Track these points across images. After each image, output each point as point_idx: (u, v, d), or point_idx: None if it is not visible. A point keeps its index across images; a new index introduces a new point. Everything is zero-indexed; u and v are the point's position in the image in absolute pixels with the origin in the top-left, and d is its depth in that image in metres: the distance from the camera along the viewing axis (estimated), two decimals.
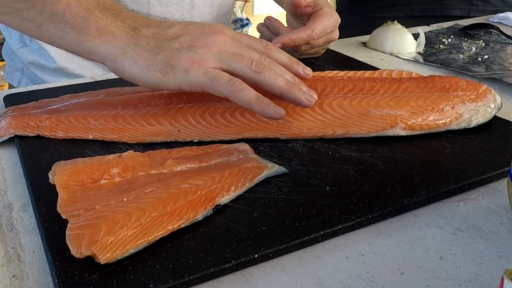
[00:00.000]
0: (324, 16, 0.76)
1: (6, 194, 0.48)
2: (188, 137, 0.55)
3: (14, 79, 0.91)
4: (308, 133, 0.55)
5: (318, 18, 0.75)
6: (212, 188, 0.44)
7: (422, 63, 0.83)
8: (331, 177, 0.48)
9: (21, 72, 0.90)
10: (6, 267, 0.38)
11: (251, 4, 3.38)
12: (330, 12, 0.77)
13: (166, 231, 0.39)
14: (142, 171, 0.46)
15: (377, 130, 0.54)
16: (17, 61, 0.90)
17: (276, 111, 0.50)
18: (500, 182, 0.49)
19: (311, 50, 0.80)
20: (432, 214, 0.45)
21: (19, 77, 0.91)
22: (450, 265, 0.39)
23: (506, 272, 0.29)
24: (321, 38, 0.76)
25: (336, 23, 0.78)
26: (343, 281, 0.37)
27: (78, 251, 0.36)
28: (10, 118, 0.56)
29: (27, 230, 0.43)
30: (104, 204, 0.40)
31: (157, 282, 0.35)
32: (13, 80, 0.92)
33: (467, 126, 0.56)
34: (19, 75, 0.90)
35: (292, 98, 0.52)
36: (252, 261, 0.38)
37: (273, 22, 0.79)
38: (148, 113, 0.56)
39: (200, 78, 0.50)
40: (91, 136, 0.54)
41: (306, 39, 0.74)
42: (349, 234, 0.42)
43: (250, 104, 0.50)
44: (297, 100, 0.52)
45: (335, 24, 0.78)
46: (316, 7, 0.77)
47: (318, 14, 0.76)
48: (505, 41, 0.95)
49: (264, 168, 0.47)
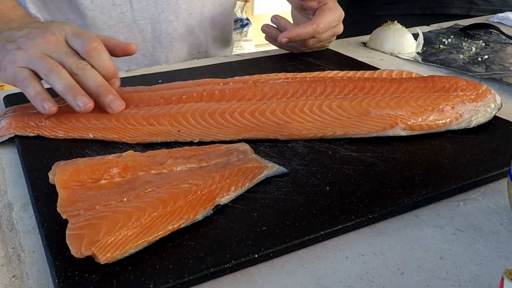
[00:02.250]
0: (329, 10, 0.79)
1: (6, 194, 0.48)
2: (188, 137, 0.55)
3: None
4: (308, 133, 0.55)
5: (323, 12, 0.79)
6: (212, 188, 0.44)
7: (422, 63, 0.83)
8: (331, 177, 0.48)
9: None
10: (6, 267, 0.39)
11: (251, 4, 3.38)
12: (335, 7, 0.80)
13: (166, 231, 0.39)
14: (142, 171, 0.46)
15: (377, 130, 0.54)
16: None
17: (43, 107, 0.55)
18: (500, 182, 0.49)
19: (318, 44, 0.83)
20: (432, 214, 0.45)
21: None
22: (450, 265, 0.39)
23: (506, 272, 0.29)
24: (326, 32, 0.80)
25: (340, 17, 0.81)
26: (343, 281, 0.37)
27: (78, 251, 0.36)
28: (10, 118, 0.57)
29: (27, 230, 0.43)
30: (104, 204, 0.40)
31: (157, 282, 0.35)
32: None
33: (467, 126, 0.56)
34: None
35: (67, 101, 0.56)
36: (252, 261, 0.38)
37: (280, 19, 0.82)
38: (148, 113, 0.56)
39: (9, 76, 0.57)
40: (91, 135, 0.54)
41: (311, 33, 0.78)
42: (349, 234, 0.42)
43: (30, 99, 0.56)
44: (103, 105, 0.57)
45: (339, 18, 0.81)
46: (321, 2, 0.81)
47: (323, 9, 0.79)
48: (505, 41, 0.95)
49: (264, 168, 0.47)
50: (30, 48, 0.57)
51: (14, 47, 0.58)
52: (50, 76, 0.55)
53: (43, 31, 0.59)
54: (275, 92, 0.59)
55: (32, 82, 0.56)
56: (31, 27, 0.61)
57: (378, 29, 0.91)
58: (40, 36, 0.58)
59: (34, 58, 0.57)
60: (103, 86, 0.56)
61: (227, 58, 0.85)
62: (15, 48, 0.58)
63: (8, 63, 0.57)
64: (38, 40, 0.58)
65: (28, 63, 0.57)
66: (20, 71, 0.56)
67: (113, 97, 0.56)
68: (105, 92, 0.56)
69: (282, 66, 0.79)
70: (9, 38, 0.60)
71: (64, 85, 0.55)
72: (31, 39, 0.58)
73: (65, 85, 0.55)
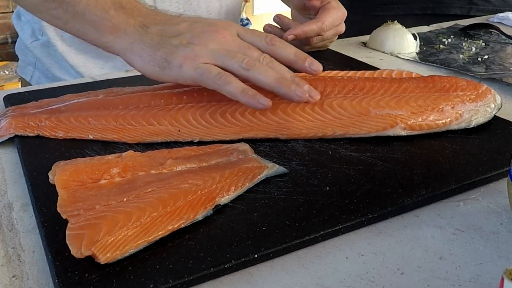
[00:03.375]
0: (332, 9, 0.79)
1: (6, 194, 0.48)
2: (188, 137, 0.55)
3: (26, 73, 0.93)
4: (308, 133, 0.55)
5: (327, 11, 0.79)
6: (212, 188, 0.44)
7: (422, 63, 0.83)
8: (331, 177, 0.48)
9: (34, 67, 0.91)
10: (6, 267, 0.39)
11: (251, 4, 3.38)
12: (338, 5, 0.80)
13: (166, 231, 0.39)
14: (142, 171, 0.46)
15: (377, 130, 0.54)
16: (29, 56, 0.91)
17: (260, 102, 0.52)
18: (500, 182, 0.49)
19: (320, 43, 0.83)
20: (432, 214, 0.45)
21: (31, 71, 0.92)
22: (450, 265, 0.39)
23: (506, 272, 0.29)
24: (329, 31, 0.80)
25: (343, 16, 0.82)
26: (343, 281, 0.37)
27: (78, 251, 0.36)
28: (10, 118, 0.56)
29: (27, 230, 0.43)
30: (104, 204, 0.40)
31: (157, 282, 0.35)
32: (26, 75, 0.93)
33: (467, 126, 0.56)
34: (32, 70, 0.92)
35: (282, 93, 0.54)
36: (252, 261, 0.38)
37: (283, 19, 0.82)
38: (148, 113, 0.56)
39: (191, 73, 0.54)
40: (91, 136, 0.54)
41: (317, 31, 0.78)
42: (349, 234, 0.42)
43: (236, 96, 0.52)
44: (287, 96, 0.53)
45: (342, 17, 0.81)
46: (324, 1, 0.81)
47: (326, 7, 0.80)
48: (505, 41, 0.95)
49: (264, 168, 0.47)
50: (208, 43, 0.55)
51: (182, 43, 0.55)
52: (251, 70, 0.53)
53: (213, 26, 0.57)
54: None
55: (231, 78, 0.53)
56: (188, 21, 0.58)
57: (378, 29, 0.91)
58: (213, 31, 0.56)
59: (221, 53, 0.54)
60: (295, 76, 0.55)
61: None
62: (186, 44, 0.55)
63: (184, 58, 0.54)
64: (213, 35, 0.56)
65: (214, 58, 0.54)
66: (207, 68, 0.53)
67: (308, 87, 0.54)
68: (301, 81, 0.55)
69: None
70: (166, 33, 0.57)
71: (274, 77, 0.53)
72: (202, 33, 0.56)
73: (275, 78, 0.53)
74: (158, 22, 0.59)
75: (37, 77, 0.91)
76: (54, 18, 0.62)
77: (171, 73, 0.55)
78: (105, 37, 0.59)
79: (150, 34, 0.57)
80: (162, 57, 0.55)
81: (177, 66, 0.54)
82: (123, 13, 0.59)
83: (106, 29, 0.59)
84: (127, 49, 0.58)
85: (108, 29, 0.59)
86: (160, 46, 0.56)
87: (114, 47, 0.59)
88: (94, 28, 0.59)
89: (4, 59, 2.81)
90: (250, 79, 0.54)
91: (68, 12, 0.60)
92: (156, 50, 0.56)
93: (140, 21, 0.59)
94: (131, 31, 0.58)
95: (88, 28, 0.60)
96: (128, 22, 0.59)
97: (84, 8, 0.59)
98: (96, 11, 0.59)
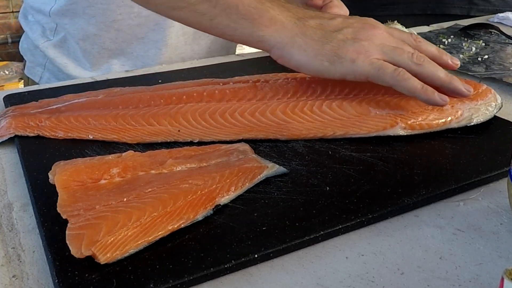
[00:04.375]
0: (335, 7, 0.79)
1: (6, 194, 0.48)
2: (188, 137, 0.55)
3: (35, 74, 0.92)
4: (308, 133, 0.55)
5: (330, 9, 0.79)
6: (212, 188, 0.44)
7: None
8: (331, 177, 0.48)
9: (43, 67, 0.91)
10: (6, 267, 0.39)
11: None
12: (340, 4, 0.80)
13: (166, 231, 0.39)
14: (142, 171, 0.46)
15: (377, 130, 0.54)
16: (39, 56, 0.90)
17: (441, 99, 0.53)
18: (500, 182, 0.49)
19: None
20: (432, 214, 0.45)
21: (40, 72, 0.91)
22: (450, 265, 0.39)
23: (506, 272, 0.29)
24: None
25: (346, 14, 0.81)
26: (343, 281, 0.37)
27: (78, 251, 0.36)
28: (10, 118, 0.56)
29: (27, 230, 0.43)
30: (104, 204, 0.40)
31: (157, 282, 0.35)
32: (35, 75, 0.92)
33: (468, 123, 0.56)
34: (41, 70, 0.91)
35: (452, 88, 0.55)
36: (252, 261, 0.38)
37: None
38: (148, 113, 0.56)
39: (366, 68, 0.54)
40: (91, 136, 0.54)
41: None
42: (349, 234, 0.42)
43: (415, 92, 0.53)
44: (457, 91, 0.55)
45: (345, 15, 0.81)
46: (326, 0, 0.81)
47: (329, 5, 0.79)
48: (505, 41, 0.95)
49: (264, 168, 0.47)
50: (372, 39, 0.55)
51: (348, 38, 0.55)
52: (423, 65, 0.54)
53: (367, 22, 0.57)
54: (275, 92, 0.59)
55: (408, 74, 0.53)
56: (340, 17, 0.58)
57: None
58: (371, 28, 0.56)
59: (389, 49, 0.55)
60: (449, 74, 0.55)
61: (227, 58, 0.85)
62: (352, 39, 0.55)
63: (357, 53, 0.54)
64: (372, 31, 0.56)
65: (385, 54, 0.54)
66: (382, 64, 0.54)
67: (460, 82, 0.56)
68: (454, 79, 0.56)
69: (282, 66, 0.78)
70: (327, 27, 0.56)
71: (444, 73, 0.54)
72: (362, 29, 0.56)
73: (445, 73, 0.54)
74: (311, 16, 0.58)
75: (47, 78, 0.91)
76: (197, 15, 0.58)
77: (341, 68, 0.54)
78: (261, 31, 0.56)
79: (310, 27, 0.56)
80: (332, 51, 0.54)
81: (349, 61, 0.54)
82: (278, 5, 0.57)
83: (263, 22, 0.56)
84: (286, 43, 0.56)
85: (266, 21, 0.56)
86: (327, 40, 0.55)
87: (270, 41, 0.56)
88: (250, 21, 0.56)
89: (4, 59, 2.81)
90: (423, 74, 0.54)
91: (217, 6, 0.56)
92: (323, 44, 0.55)
93: (295, 14, 0.57)
94: (290, 24, 0.56)
95: (242, 22, 0.56)
96: (285, 15, 0.57)
97: (237, 1, 0.56)
98: (251, 3, 0.56)
